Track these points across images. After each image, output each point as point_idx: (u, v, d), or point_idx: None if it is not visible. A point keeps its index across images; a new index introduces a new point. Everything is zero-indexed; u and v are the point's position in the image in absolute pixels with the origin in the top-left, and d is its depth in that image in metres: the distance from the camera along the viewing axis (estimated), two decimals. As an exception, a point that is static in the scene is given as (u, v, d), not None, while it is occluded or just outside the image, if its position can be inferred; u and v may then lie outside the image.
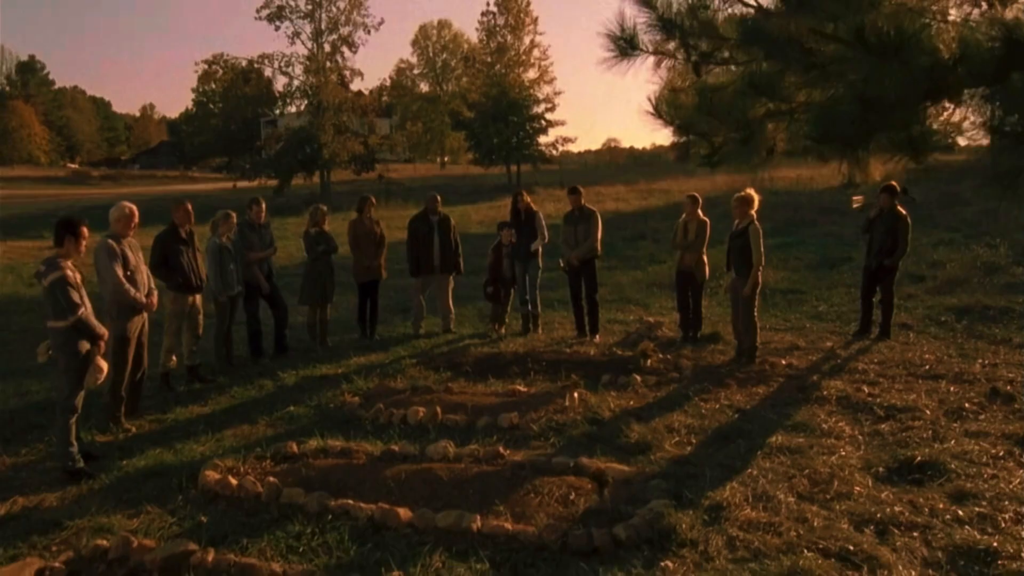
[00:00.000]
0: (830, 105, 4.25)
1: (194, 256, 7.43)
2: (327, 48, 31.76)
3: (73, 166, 79.43)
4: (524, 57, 40.55)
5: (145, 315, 6.42)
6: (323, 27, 31.41)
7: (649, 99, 5.52)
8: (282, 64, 32.17)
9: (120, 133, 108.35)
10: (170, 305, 7.28)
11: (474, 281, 12.08)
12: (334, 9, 31.46)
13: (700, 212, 8.68)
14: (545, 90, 40.43)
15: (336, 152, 30.07)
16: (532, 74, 40.64)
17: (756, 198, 7.71)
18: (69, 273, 5.18)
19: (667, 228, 19.27)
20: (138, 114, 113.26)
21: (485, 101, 39.23)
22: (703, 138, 5.62)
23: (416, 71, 74.27)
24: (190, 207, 7.59)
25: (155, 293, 6.52)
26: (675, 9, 5.26)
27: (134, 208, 6.42)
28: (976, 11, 4.44)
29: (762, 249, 7.57)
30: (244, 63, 38.65)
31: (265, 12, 31.17)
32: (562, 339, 9.14)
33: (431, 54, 73.58)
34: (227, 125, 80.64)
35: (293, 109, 34.45)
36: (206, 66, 50.63)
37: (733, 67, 5.50)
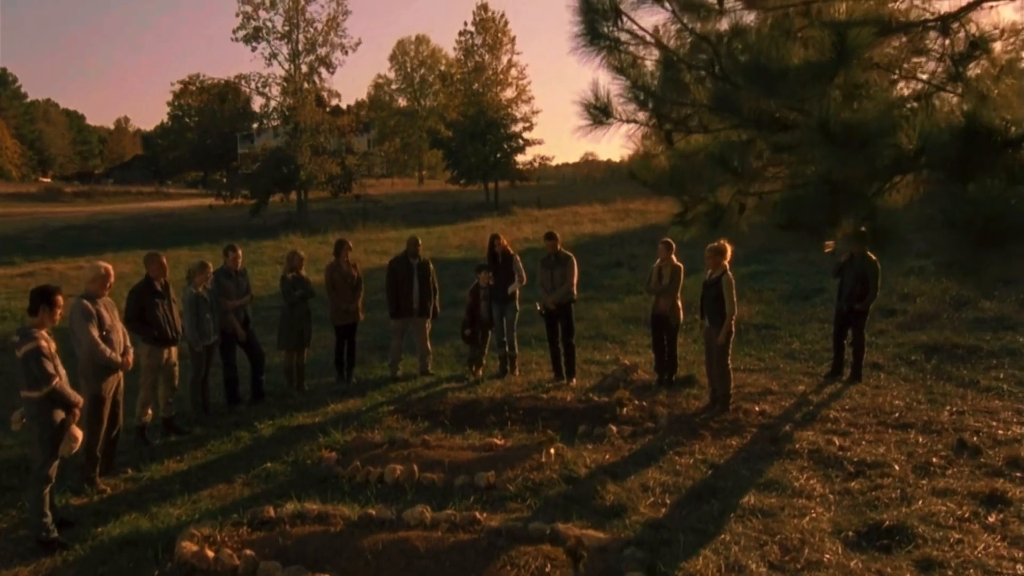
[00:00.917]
0: (797, 189, 4.36)
1: (170, 308, 7.42)
2: (304, 68, 31.75)
3: (46, 180, 78.49)
4: (502, 76, 40.77)
5: (120, 373, 6.40)
6: (300, 48, 31.41)
7: (623, 161, 5.63)
8: (259, 84, 32.16)
9: (94, 146, 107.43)
10: (145, 359, 7.25)
11: (451, 315, 12.15)
12: (311, 30, 31.51)
13: (674, 257, 8.80)
14: (523, 109, 40.72)
15: (313, 173, 30.00)
16: (510, 93, 40.90)
17: (729, 249, 7.83)
18: (44, 344, 5.16)
19: (644, 254, 19.47)
20: (112, 127, 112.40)
21: (463, 120, 39.37)
22: (677, 199, 5.75)
23: (394, 86, 74.40)
24: (165, 260, 7.58)
25: (131, 351, 6.50)
26: (648, 78, 5.39)
27: (110, 268, 6.41)
28: (937, 97, 4.59)
29: (735, 299, 7.69)
30: (220, 83, 38.41)
31: (241, 33, 31.16)
32: (539, 382, 9.20)
33: (409, 69, 73.72)
34: (203, 139, 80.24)
35: (272, 124, 34.35)
36: (181, 86, 49.97)
37: (702, 136, 5.64)
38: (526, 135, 40.16)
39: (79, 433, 5.35)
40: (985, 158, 3.91)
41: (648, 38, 5.32)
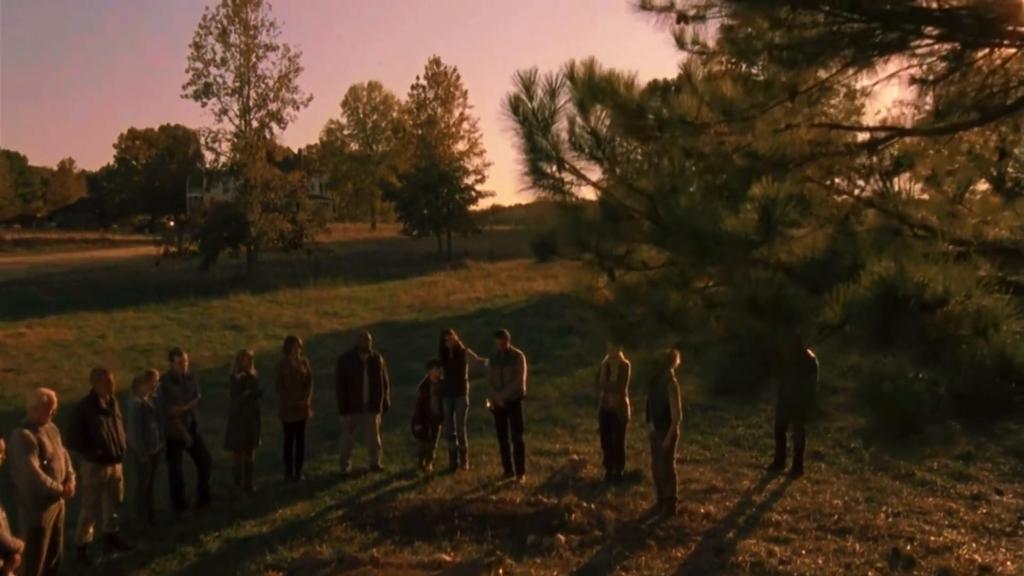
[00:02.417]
0: (728, 351, 4.57)
1: (115, 424, 7.31)
2: (255, 124, 31.70)
3: (-16, 225, 76.32)
4: (454, 129, 41.25)
5: (62, 501, 6.29)
6: (251, 104, 31.42)
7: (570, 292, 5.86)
8: (208, 139, 32.00)
9: (36, 188, 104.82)
10: (88, 477, 7.12)
11: (404, 392, 12.15)
12: (263, 85, 31.57)
13: (622, 354, 8.99)
14: (475, 162, 41.17)
15: (264, 230, 29.82)
16: (462, 146, 41.36)
17: (677, 356, 8.03)
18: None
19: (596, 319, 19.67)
20: (56, 168, 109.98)
21: (415, 172, 39.64)
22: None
23: (346, 132, 74.61)
24: (111, 377, 7.45)
25: (72, 477, 6.41)
26: (590, 215, 5.60)
27: (52, 395, 6.33)
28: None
29: (680, 405, 7.89)
30: (168, 137, 38.09)
31: (191, 89, 31.08)
32: (489, 480, 9.24)
33: (361, 115, 74.07)
34: (151, 182, 79.04)
35: (222, 179, 34.12)
36: (128, 142, 49.40)
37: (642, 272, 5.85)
38: (478, 187, 40.63)
39: (17, 581, 5.25)
40: (904, 323, 4.15)
41: (589, 183, 5.53)
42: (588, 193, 5.76)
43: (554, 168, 5.68)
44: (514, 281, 28.50)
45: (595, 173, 5.49)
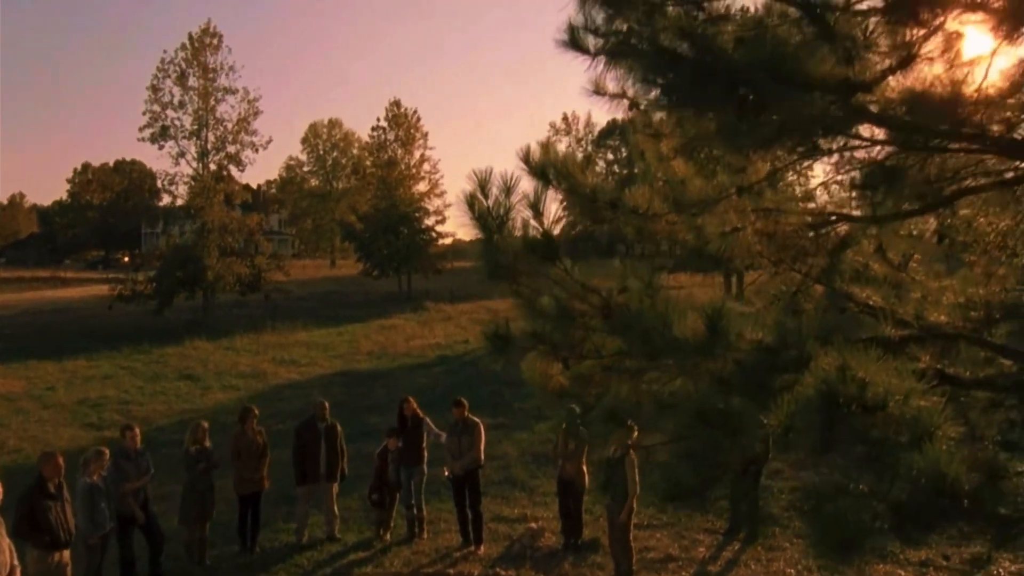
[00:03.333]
0: (680, 454, 4.68)
1: (63, 509, 7.14)
2: (213, 167, 31.48)
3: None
4: (414, 171, 41.44)
5: (6, 595, 6.14)
6: (209, 147, 31.21)
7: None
8: (165, 182, 31.64)
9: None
10: (34, 565, 6.94)
11: (362, 449, 12.06)
12: (221, 129, 31.39)
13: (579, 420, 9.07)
14: (435, 202, 41.34)
15: (221, 274, 29.47)
16: (422, 187, 41.53)
17: (635, 429, 8.13)
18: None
19: (553, 366, 19.76)
20: (6, 202, 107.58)
21: (375, 213, 39.66)
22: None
23: (306, 168, 74.31)
24: (60, 460, 7.30)
25: (17, 570, 6.26)
26: (545, 306, 5.72)
27: (-1, 491, 6.19)
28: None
29: (638, 479, 7.97)
30: (124, 183, 37.64)
31: (148, 132, 30.78)
32: (447, 550, 9.21)
33: (321, 151, 73.88)
34: (105, 218, 77.73)
35: (178, 222, 33.73)
36: (82, 176, 48.66)
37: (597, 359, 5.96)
38: (439, 228, 40.76)
39: None
40: (845, 427, 4.30)
41: (543, 281, 5.66)
42: (545, 285, 5.88)
43: (512, 262, 5.82)
44: (474, 325, 28.46)
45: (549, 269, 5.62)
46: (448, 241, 42.22)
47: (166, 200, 34.35)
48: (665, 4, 5.13)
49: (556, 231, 5.63)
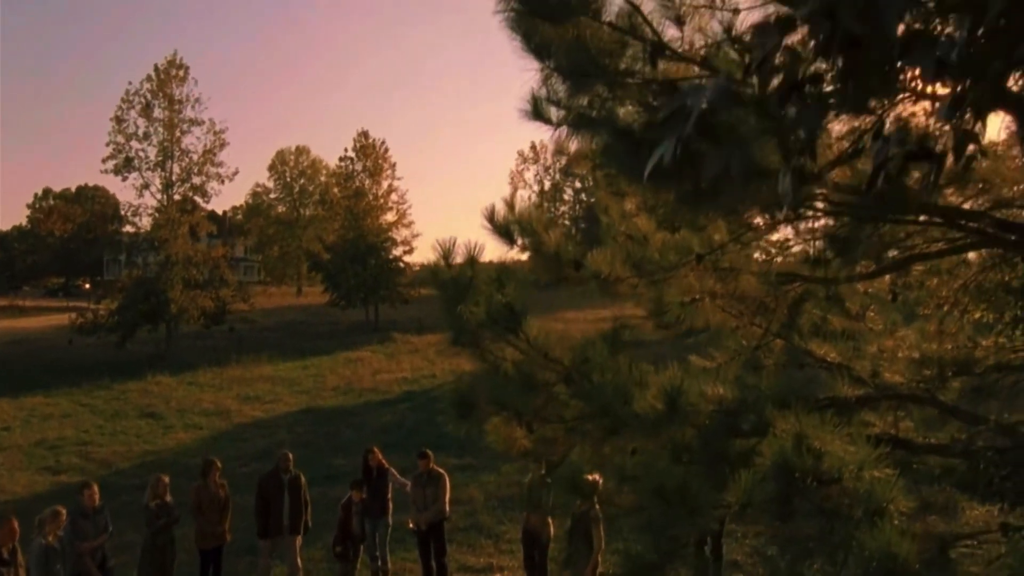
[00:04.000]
0: (639, 527, 4.75)
1: (16, 575, 7.00)
2: (178, 197, 31.16)
3: None
4: (382, 201, 41.41)
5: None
6: (174, 179, 30.94)
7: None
8: (128, 213, 31.26)
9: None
10: (-14, 633, 6.79)
11: (327, 493, 11.94)
12: (187, 160, 31.15)
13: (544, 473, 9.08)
14: (403, 233, 41.31)
15: (185, 307, 29.10)
16: (390, 217, 41.51)
17: (600, 482, 8.17)
18: None
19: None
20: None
21: (342, 243, 39.51)
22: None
23: (273, 195, 73.84)
24: (15, 524, 7.15)
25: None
26: (508, 368, 5.77)
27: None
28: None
29: (603, 535, 8.00)
30: (86, 214, 37.12)
31: (111, 163, 30.44)
32: (412, 603, 9.16)
33: (288, 179, 73.53)
34: (66, 245, 76.31)
35: (142, 253, 33.28)
36: (43, 202, 47.88)
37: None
38: (407, 258, 40.72)
39: None
40: (802, 498, 4.39)
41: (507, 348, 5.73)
42: (509, 352, 5.94)
43: (474, 329, 5.88)
44: (441, 358, 28.37)
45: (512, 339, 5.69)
46: (416, 266, 42.26)
47: (129, 229, 33.90)
48: (626, 79, 5.27)
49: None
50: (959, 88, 1.27)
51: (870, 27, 1.07)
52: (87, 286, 64.90)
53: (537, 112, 5.67)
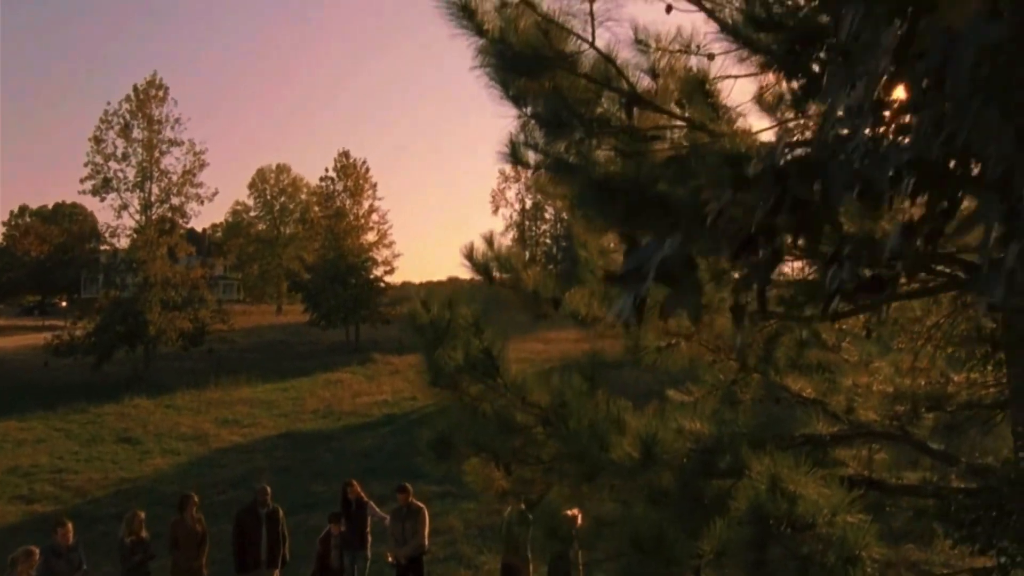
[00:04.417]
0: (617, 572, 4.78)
1: (-12, 616, 6.90)
2: (156, 218, 30.96)
3: None
4: (363, 221, 41.37)
5: None
6: (153, 199, 30.76)
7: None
8: (107, 234, 31.02)
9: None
10: None
11: (304, 522, 11.84)
12: (166, 181, 31.00)
13: (523, 506, 9.08)
14: (384, 253, 41.27)
15: (163, 329, 28.84)
16: (371, 237, 41.46)
17: (579, 517, 8.18)
18: None
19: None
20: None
21: (322, 263, 39.41)
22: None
23: (253, 213, 73.45)
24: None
25: None
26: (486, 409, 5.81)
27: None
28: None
29: (581, 569, 8.02)
30: (63, 235, 36.78)
31: (89, 184, 30.23)
32: (390, 638, 9.10)
33: (269, 197, 73.19)
34: (44, 263, 75.44)
35: (119, 274, 33.01)
36: (19, 219, 47.41)
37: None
38: (387, 279, 40.66)
39: None
40: (776, 544, 4.44)
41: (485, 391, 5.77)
42: (486, 395, 5.98)
43: (452, 371, 5.93)
44: (421, 379, 28.26)
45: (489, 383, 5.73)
46: (398, 284, 42.22)
47: (107, 248, 33.61)
48: (602, 127, 5.35)
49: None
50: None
51: (819, 196, 1.12)
52: (63, 304, 64.19)
53: (515, 156, 5.76)
